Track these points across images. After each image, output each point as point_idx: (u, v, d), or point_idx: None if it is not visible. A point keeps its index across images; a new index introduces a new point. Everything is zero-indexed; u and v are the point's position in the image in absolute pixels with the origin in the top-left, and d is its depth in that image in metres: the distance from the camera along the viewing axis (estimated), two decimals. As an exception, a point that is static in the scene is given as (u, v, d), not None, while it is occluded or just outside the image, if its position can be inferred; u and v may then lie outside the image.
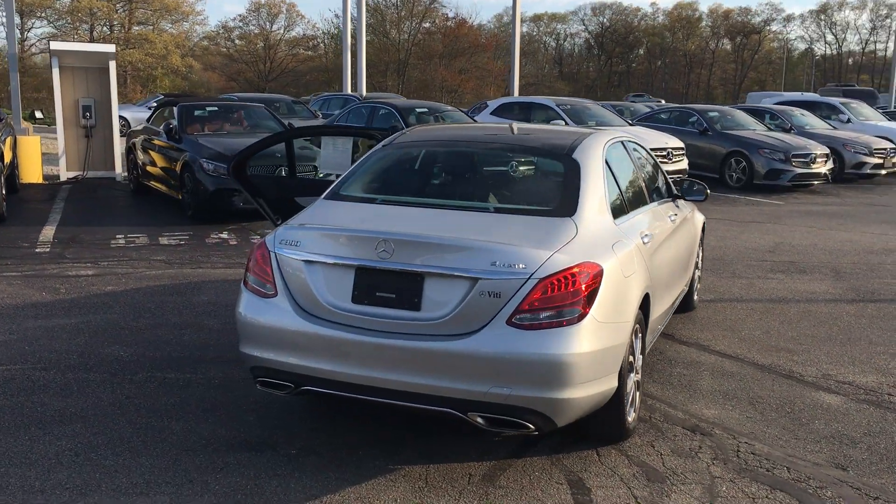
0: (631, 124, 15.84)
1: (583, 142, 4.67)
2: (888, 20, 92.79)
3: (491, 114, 16.32)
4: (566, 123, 14.81)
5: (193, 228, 10.32)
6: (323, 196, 4.54)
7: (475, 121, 14.36)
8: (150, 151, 12.29)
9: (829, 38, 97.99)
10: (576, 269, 3.65)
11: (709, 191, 6.15)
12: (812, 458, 4.21)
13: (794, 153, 15.71)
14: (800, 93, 35.03)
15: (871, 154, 17.71)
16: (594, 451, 4.19)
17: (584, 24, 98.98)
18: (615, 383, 3.90)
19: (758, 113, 19.00)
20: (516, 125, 5.47)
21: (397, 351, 3.66)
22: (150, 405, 4.70)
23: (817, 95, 31.17)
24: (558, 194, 4.27)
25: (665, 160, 14.15)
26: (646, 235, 4.65)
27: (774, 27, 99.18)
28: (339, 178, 4.66)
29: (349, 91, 25.55)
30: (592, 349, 3.63)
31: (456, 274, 3.64)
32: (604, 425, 4.13)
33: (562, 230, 3.91)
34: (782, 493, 3.81)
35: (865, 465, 4.15)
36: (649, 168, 5.77)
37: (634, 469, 4.02)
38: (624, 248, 4.17)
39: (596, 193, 4.28)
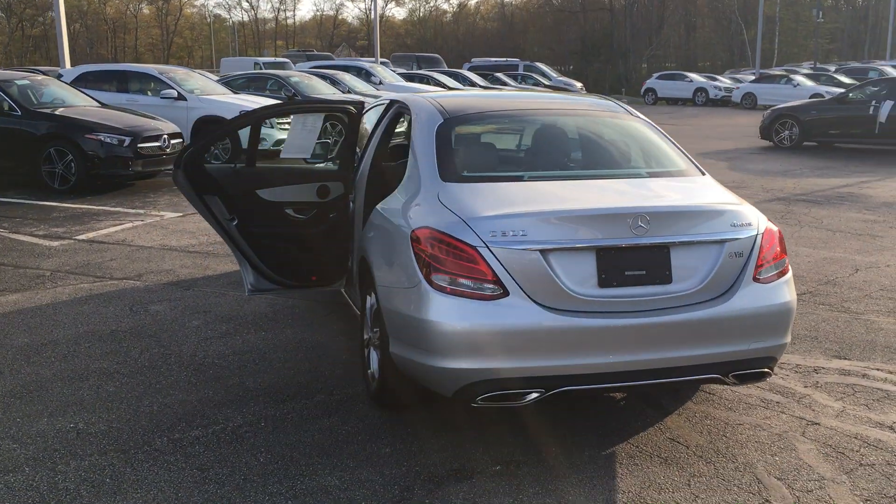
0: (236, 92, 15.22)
1: (623, 104, 4.84)
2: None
3: (70, 84, 14.07)
4: (178, 94, 13.67)
5: None
6: (440, 179, 3.89)
7: (85, 93, 12.35)
8: None
9: (245, 5, 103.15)
10: (771, 223, 3.93)
11: None
12: (864, 361, 4.95)
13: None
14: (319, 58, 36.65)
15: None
16: (715, 395, 4.48)
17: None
18: None
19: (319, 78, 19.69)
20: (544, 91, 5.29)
21: (661, 328, 3.52)
22: (249, 471, 3.60)
23: (359, 60, 33.30)
24: (674, 155, 4.39)
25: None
26: None
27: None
28: (436, 161, 3.98)
29: None
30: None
31: (705, 240, 3.63)
32: None
33: (722, 188, 4.12)
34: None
35: (890, 354, 5.08)
36: None
37: (769, 402, 4.37)
38: None
39: None
